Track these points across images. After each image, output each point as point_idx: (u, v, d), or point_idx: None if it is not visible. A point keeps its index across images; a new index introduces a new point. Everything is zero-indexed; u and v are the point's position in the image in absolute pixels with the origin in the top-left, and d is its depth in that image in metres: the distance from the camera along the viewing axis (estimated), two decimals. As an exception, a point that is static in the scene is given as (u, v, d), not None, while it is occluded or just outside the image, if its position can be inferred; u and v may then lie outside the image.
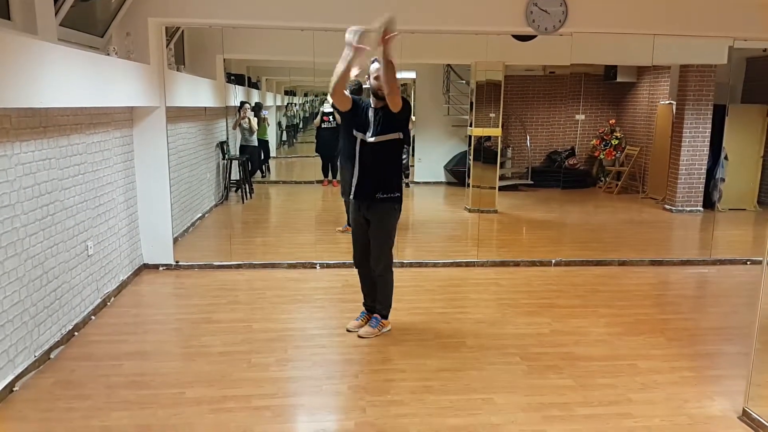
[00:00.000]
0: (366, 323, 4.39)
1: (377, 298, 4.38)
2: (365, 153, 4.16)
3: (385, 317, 4.40)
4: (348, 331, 4.36)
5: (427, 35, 6.56)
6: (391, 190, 4.15)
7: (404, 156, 4.47)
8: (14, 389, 3.41)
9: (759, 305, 3.16)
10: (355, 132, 4.20)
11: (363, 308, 4.50)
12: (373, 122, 4.11)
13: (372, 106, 4.15)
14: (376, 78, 4.02)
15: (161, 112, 5.55)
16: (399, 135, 4.14)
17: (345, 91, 4.05)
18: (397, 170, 4.23)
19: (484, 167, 8.77)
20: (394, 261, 4.37)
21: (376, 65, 4.01)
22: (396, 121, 4.07)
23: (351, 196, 4.28)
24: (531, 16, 5.46)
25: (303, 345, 4.17)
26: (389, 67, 3.77)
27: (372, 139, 4.10)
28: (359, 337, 4.26)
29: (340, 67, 3.80)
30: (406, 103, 4.07)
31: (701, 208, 9.05)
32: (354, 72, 3.90)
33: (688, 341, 4.31)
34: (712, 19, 5.66)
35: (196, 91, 7.17)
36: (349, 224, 7.34)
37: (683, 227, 8.64)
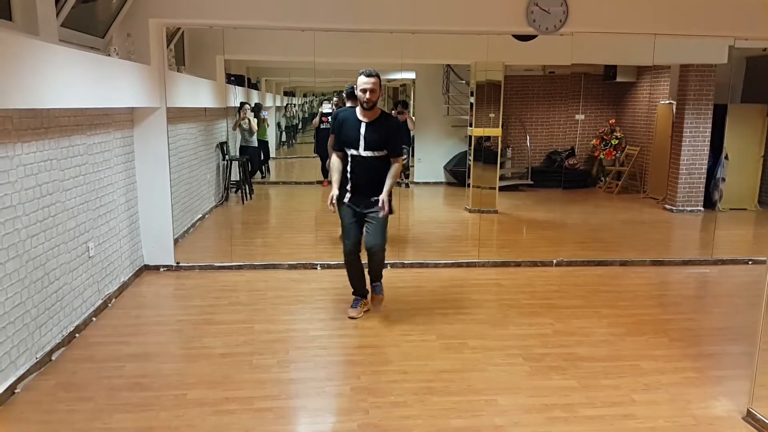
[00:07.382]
0: (366, 307, 4.70)
1: (376, 270, 4.64)
2: (357, 165, 4.40)
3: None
4: (351, 318, 4.57)
5: (427, 35, 6.54)
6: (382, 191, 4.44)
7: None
8: (16, 391, 3.39)
9: (764, 305, 3.15)
10: (345, 149, 4.43)
11: (355, 297, 4.72)
12: (364, 136, 4.33)
13: (361, 119, 4.36)
14: (363, 90, 4.25)
15: (162, 113, 5.54)
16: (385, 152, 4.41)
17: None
18: (386, 172, 4.44)
19: (484, 167, 8.76)
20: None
21: (363, 78, 4.24)
22: (386, 140, 4.34)
23: (345, 200, 4.47)
24: (532, 16, 5.45)
25: (305, 346, 4.16)
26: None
27: (366, 154, 4.35)
28: (378, 302, 4.74)
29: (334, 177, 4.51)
30: (398, 128, 4.51)
31: (702, 208, 9.05)
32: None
33: (691, 341, 4.30)
34: (712, 19, 5.66)
35: (196, 92, 7.16)
36: None
37: (684, 227, 8.64)
